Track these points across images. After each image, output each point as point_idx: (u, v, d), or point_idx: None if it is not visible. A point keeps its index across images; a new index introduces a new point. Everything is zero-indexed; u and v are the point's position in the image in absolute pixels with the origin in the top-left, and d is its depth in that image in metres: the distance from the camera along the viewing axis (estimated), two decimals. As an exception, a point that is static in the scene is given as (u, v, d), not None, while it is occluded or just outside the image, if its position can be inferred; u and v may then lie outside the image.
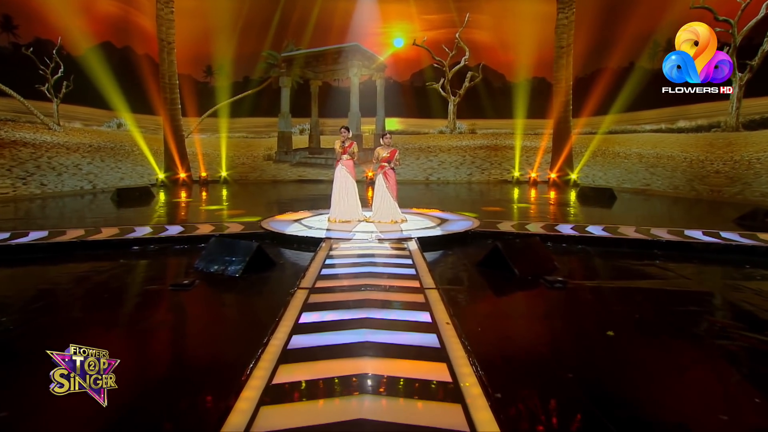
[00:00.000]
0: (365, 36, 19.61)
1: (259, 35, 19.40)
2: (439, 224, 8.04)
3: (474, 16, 19.25)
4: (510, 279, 5.23)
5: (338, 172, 8.25)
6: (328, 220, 8.27)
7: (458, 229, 7.60)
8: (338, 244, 6.51)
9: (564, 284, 4.93)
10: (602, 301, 4.65)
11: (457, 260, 6.27)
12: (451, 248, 6.89)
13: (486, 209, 11.24)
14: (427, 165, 20.19)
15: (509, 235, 7.28)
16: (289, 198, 14.78)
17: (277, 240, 7.25)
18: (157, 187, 16.84)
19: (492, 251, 5.61)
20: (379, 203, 8.20)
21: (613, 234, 7.19)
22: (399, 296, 4.25)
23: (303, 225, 7.95)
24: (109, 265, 5.82)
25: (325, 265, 5.38)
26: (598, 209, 11.80)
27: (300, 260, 6.08)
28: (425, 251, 6.16)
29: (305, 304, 3.97)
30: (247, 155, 20.26)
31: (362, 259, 5.68)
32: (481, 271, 5.60)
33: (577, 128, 18.52)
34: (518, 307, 4.61)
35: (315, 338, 3.29)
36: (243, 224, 8.17)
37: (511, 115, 19.70)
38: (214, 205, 12.51)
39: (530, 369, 3.03)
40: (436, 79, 19.90)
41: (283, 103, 20.10)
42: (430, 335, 3.32)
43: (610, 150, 17.12)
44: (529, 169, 19.52)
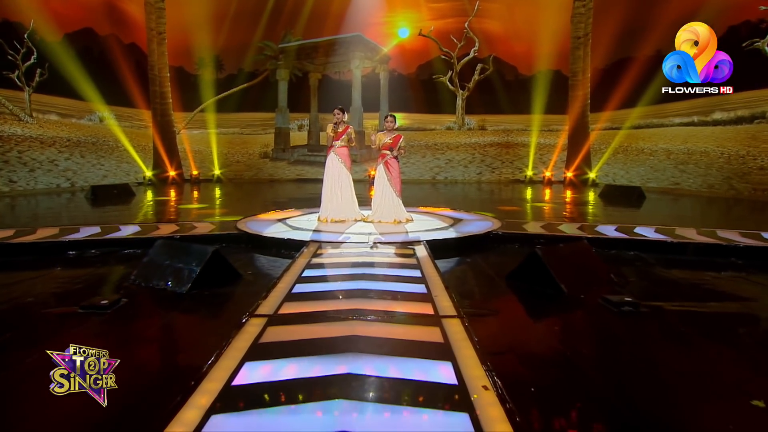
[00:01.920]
0: (368, 26, 18.11)
1: (254, 25, 17.99)
2: (452, 225, 6.56)
3: (484, 5, 17.78)
4: (556, 298, 3.76)
5: (330, 161, 6.79)
6: (318, 220, 6.81)
7: (476, 230, 6.11)
8: (325, 250, 5.04)
9: (635, 307, 3.44)
10: (702, 333, 3.14)
11: (479, 271, 4.78)
12: (468, 254, 5.41)
13: (502, 209, 9.78)
14: (434, 163, 18.71)
15: (540, 239, 5.79)
16: (286, 197, 13.35)
17: (252, 243, 5.80)
18: (144, 186, 15.46)
19: (528, 260, 4.12)
20: (379, 199, 6.73)
21: (672, 237, 5.67)
22: (403, 332, 2.77)
23: (287, 225, 6.48)
24: (23, 275, 4.38)
25: (301, 278, 3.91)
26: (628, 210, 10.30)
27: (276, 270, 4.61)
28: (437, 259, 4.69)
29: (254, 346, 2.50)
30: (242, 152, 18.86)
31: (355, 269, 4.21)
32: (513, 286, 4.12)
33: (598, 123, 16.97)
34: (582, 345, 3.09)
35: (257, 420, 1.82)
36: (215, 224, 6.72)
37: (524, 110, 18.19)
38: (198, 204, 11.08)
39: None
40: (443, 72, 18.41)
41: (281, 98, 18.65)
42: (458, 416, 1.84)
43: (633, 146, 15.56)
44: (543, 168, 17.98)
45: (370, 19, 18.03)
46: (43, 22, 12.88)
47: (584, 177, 16.76)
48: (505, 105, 18.36)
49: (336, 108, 6.73)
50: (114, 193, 12.11)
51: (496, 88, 18.38)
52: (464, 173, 18.66)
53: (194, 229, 6.21)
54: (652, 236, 5.69)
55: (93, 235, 5.68)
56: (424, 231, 6.08)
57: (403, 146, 6.75)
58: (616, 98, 15.61)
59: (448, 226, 6.44)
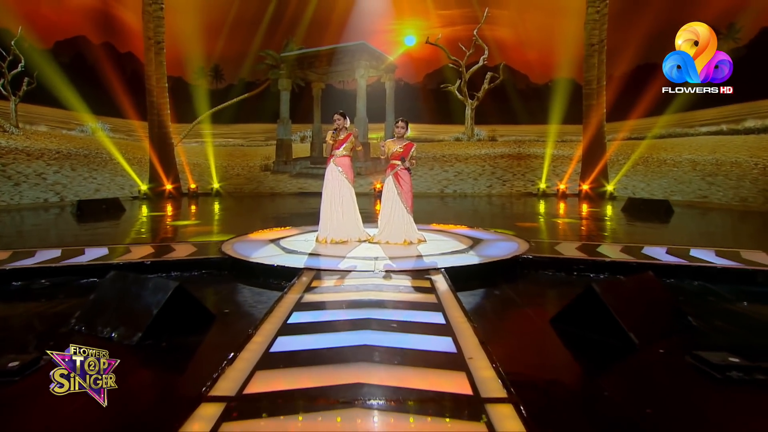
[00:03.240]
0: (373, 33, 17.36)
1: (254, 33, 17.27)
2: (471, 246, 5.60)
3: (494, 11, 17.01)
4: (624, 354, 2.79)
5: (330, 173, 5.87)
6: (315, 241, 5.87)
7: (501, 253, 5.14)
8: (321, 282, 4.08)
9: (747, 372, 2.45)
10: None
11: (513, 309, 3.82)
12: (495, 284, 4.45)
13: (520, 225, 8.83)
14: (442, 176, 17.80)
15: (579, 264, 4.81)
16: (287, 212, 12.47)
17: (237, 270, 4.86)
18: (139, 200, 14.63)
19: (581, 299, 3.15)
20: (388, 217, 5.79)
21: (740, 262, 4.67)
22: (432, 428, 1.80)
23: (280, 247, 5.54)
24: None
25: (287, 326, 2.95)
26: (657, 225, 9.36)
27: (261, 307, 3.68)
28: (458, 290, 3.74)
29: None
30: (243, 165, 18.03)
31: (358, 313, 3.24)
32: (563, 334, 3.14)
33: (616, 133, 16.02)
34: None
35: None
36: (198, 246, 5.79)
37: (536, 120, 17.29)
38: (189, 221, 10.18)
39: None
40: (452, 81, 17.59)
41: (283, 108, 17.85)
42: None
43: (655, 157, 14.57)
44: (557, 181, 17.01)
45: (375, 27, 17.29)
46: (32, 29, 12.16)
47: (601, 190, 15.77)
48: (517, 115, 17.52)
49: (336, 113, 5.83)
50: (102, 208, 11.26)
51: (507, 97, 17.52)
52: (474, 186, 17.73)
53: (171, 253, 5.28)
54: (718, 262, 4.69)
55: (47, 261, 4.75)
56: (440, 254, 5.12)
57: (415, 155, 5.83)
58: (636, 107, 14.65)
59: (467, 248, 5.47)
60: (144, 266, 4.71)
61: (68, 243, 6.38)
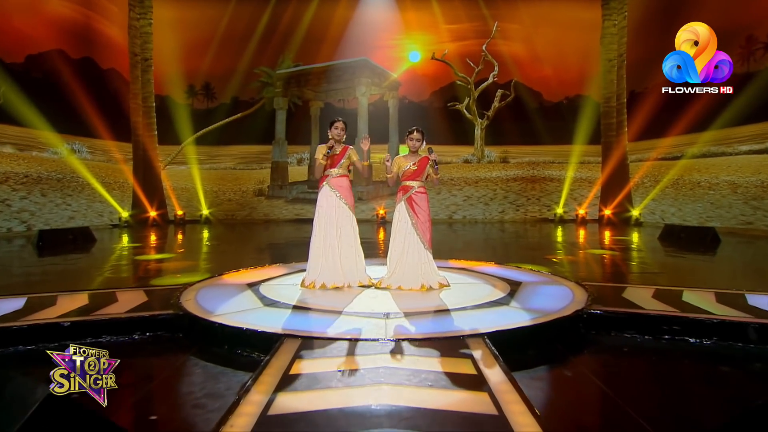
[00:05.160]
0: (375, 49, 16.46)
1: (247, 50, 16.38)
2: (509, 293, 4.25)
3: (504, 25, 16.14)
4: None
5: (324, 198, 4.59)
6: (302, 285, 4.53)
7: (555, 305, 3.79)
8: (307, 361, 2.72)
9: None
10: None
11: (610, 407, 2.44)
12: (558, 356, 3.11)
13: (552, 259, 7.54)
14: (450, 200, 16.58)
15: (672, 323, 3.46)
16: (283, 241, 11.22)
17: (195, 334, 3.52)
18: (119, 228, 13.35)
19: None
20: (399, 254, 4.47)
21: None
22: None
23: (257, 296, 4.19)
24: None
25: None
26: (710, 257, 8.06)
27: (212, 408, 2.34)
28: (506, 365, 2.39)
29: None
30: (235, 190, 16.86)
31: (361, 426, 1.89)
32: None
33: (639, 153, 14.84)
34: None
35: None
36: (151, 293, 4.45)
37: (551, 140, 16.39)
38: (162, 254, 8.84)
39: None
40: (460, 99, 16.65)
41: (278, 128, 16.76)
42: None
43: (687, 179, 13.33)
44: (575, 205, 15.75)
45: (377, 42, 16.45)
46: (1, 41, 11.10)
47: (626, 215, 14.47)
48: (530, 135, 16.60)
49: (336, 120, 4.59)
50: (69, 238, 9.95)
51: (519, 116, 16.58)
52: (485, 211, 16.47)
53: (110, 306, 3.93)
54: None
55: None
56: (473, 307, 3.77)
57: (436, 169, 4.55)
58: (661, 125, 13.52)
59: (506, 296, 4.13)
60: (60, 329, 3.37)
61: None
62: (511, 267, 5.75)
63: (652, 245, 9.65)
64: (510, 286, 4.54)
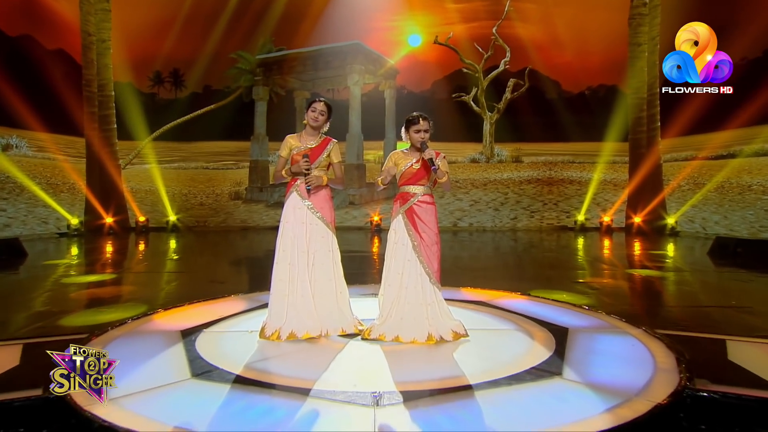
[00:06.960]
0: (370, 31, 15.92)
1: (224, 32, 15.80)
2: (555, 352, 3.17)
3: (517, 5, 15.78)
4: None
5: (290, 210, 3.60)
6: (261, 335, 3.43)
7: (629, 380, 2.70)
8: None
9: None
10: None
11: None
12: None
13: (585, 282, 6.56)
14: (455, 206, 15.83)
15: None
16: (262, 253, 10.11)
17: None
18: (67, 238, 12.22)
19: None
20: (397, 290, 3.39)
21: None
22: None
23: (188, 357, 3.07)
24: None
25: None
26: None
27: None
28: None
29: None
30: (208, 192, 16.13)
31: None
32: None
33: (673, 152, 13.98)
34: None
35: None
36: (34, 349, 3.31)
37: (570, 137, 15.93)
38: (106, 273, 7.71)
39: None
40: (466, 90, 16.23)
41: (258, 122, 16.09)
42: None
43: (734, 181, 12.46)
44: (599, 211, 14.80)
45: (372, 24, 15.98)
46: None
47: (660, 223, 13.50)
48: (547, 130, 16.26)
49: (315, 100, 3.57)
50: (-7, 253, 8.83)
51: (534, 109, 16.27)
52: (494, 218, 15.59)
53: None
54: None
55: None
56: (506, 380, 2.67)
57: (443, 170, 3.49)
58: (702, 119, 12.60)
59: (552, 357, 3.05)
60: None
61: None
62: (544, 300, 4.67)
63: (703, 262, 8.69)
64: (553, 336, 3.45)
